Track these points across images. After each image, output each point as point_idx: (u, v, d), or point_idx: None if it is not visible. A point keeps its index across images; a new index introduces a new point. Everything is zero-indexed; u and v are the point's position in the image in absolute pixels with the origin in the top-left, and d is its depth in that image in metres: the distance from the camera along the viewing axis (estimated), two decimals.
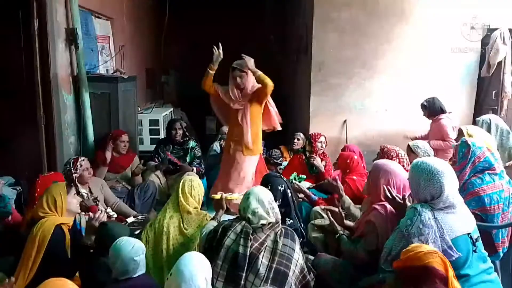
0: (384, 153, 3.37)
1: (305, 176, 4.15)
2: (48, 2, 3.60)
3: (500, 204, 2.59)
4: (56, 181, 2.89)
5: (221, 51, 3.75)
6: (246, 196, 2.27)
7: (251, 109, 3.84)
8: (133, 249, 2.00)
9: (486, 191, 2.59)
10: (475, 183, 2.63)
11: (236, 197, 2.86)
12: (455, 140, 3.94)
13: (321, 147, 4.26)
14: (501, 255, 2.62)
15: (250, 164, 3.95)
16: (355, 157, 3.57)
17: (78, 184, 3.19)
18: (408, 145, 3.55)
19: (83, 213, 2.88)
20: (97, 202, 3.15)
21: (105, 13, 5.03)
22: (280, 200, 2.72)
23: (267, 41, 8.15)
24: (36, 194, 2.94)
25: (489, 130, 3.86)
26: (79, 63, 4.05)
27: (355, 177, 3.42)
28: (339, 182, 3.15)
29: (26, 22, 3.58)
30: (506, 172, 2.85)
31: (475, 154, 2.72)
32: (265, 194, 2.27)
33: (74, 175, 3.16)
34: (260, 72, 3.70)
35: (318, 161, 4.08)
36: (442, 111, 4.45)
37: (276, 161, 4.62)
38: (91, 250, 2.40)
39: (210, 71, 3.79)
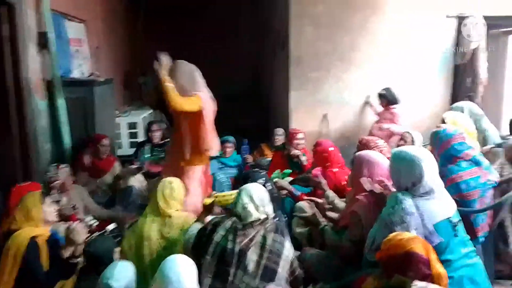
0: (363, 145, 3.37)
1: (290, 171, 4.14)
2: (18, 6, 3.50)
3: (477, 190, 2.63)
4: (31, 191, 2.80)
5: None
6: (239, 192, 2.28)
7: (189, 115, 3.18)
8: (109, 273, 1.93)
9: (463, 177, 2.62)
10: (453, 169, 2.66)
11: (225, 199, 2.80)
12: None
13: (298, 144, 4.24)
14: (482, 240, 2.65)
15: (189, 176, 3.32)
16: (330, 148, 3.54)
17: (58, 192, 3.13)
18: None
19: (62, 222, 2.82)
20: (76, 209, 3.09)
21: (78, 15, 4.91)
22: None
23: (246, 37, 8.14)
24: (11, 205, 2.85)
25: None
26: (52, 67, 3.95)
27: (335, 169, 3.42)
28: (321, 178, 3.15)
29: None
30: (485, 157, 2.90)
31: (441, 141, 2.78)
32: (257, 190, 2.26)
33: (55, 182, 3.11)
34: (165, 84, 2.98)
35: (295, 152, 4.04)
36: (397, 100, 4.77)
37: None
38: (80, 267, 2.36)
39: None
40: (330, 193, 3.09)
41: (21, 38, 3.55)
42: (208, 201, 2.75)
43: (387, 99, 4.82)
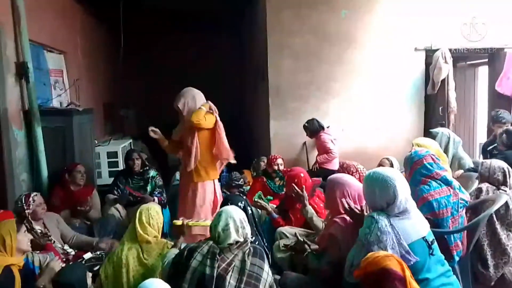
0: (344, 169, 3.46)
1: (271, 197, 4.17)
2: None
3: (449, 208, 2.70)
4: (4, 219, 2.73)
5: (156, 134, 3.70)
6: (218, 214, 2.26)
7: (199, 134, 3.62)
8: None
9: (434, 196, 2.70)
10: (424, 189, 2.74)
11: (197, 223, 2.83)
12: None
13: (278, 169, 4.39)
14: (457, 258, 2.70)
15: (203, 190, 3.73)
16: (302, 174, 3.55)
17: (32, 221, 3.06)
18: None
19: (37, 251, 2.74)
20: (51, 238, 3.01)
21: (57, 47, 4.96)
22: None
23: (228, 68, 8.32)
24: None
25: (448, 142, 4.23)
26: (31, 97, 3.94)
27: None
28: (304, 192, 3.18)
29: None
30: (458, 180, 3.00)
31: (412, 161, 2.89)
32: (236, 212, 2.26)
33: (26, 211, 3.05)
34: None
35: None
36: (322, 128, 4.91)
37: (237, 183, 4.62)
38: None
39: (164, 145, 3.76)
40: (310, 209, 3.11)
41: None
42: (178, 223, 2.75)
43: (309, 130, 4.96)
